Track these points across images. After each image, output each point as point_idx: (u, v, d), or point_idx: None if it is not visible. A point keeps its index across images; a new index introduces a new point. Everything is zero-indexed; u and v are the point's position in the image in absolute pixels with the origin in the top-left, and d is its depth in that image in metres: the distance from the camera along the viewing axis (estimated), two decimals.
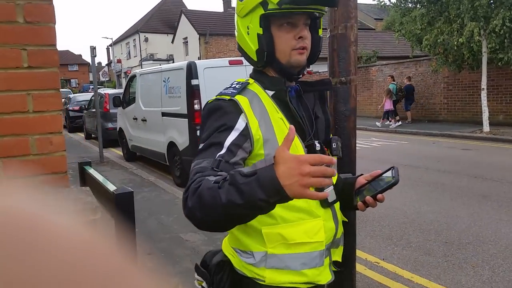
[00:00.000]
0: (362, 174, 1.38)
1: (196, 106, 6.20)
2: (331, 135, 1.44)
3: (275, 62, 1.25)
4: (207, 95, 6.24)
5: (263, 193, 0.91)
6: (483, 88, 11.36)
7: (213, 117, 1.19)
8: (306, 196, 0.92)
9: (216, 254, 1.34)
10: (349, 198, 1.33)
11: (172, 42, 34.24)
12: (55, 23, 1.65)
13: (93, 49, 8.65)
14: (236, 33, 1.34)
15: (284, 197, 0.91)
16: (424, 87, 15.04)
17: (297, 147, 1.21)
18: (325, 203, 1.26)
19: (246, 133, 1.16)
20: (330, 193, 1.25)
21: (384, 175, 1.26)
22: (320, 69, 21.43)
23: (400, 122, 14.13)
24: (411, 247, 4.26)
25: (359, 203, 1.27)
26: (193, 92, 6.22)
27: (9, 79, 1.58)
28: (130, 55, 42.77)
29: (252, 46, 1.25)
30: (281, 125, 1.22)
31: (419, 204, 5.57)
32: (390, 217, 5.11)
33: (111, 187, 2.45)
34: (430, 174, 7.20)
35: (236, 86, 1.25)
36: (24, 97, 1.62)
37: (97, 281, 0.22)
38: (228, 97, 1.20)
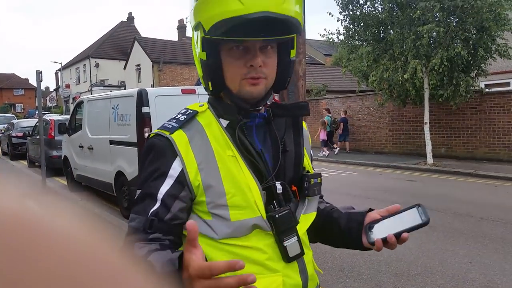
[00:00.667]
0: (372, 209, 1.19)
1: (147, 135, 6.03)
2: (307, 171, 1.19)
3: (226, 90, 1.06)
4: (158, 123, 6.04)
5: None
6: (426, 122, 12.00)
7: (148, 158, 1.05)
8: None
9: None
10: (355, 236, 1.15)
11: (125, 68, 33.74)
12: None
13: (39, 73, 8.30)
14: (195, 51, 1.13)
15: None
16: (370, 120, 15.69)
17: (252, 190, 1.03)
18: (285, 258, 1.05)
19: (182, 180, 1.00)
20: (290, 246, 1.05)
21: (404, 212, 1.09)
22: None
23: (337, 150, 15.15)
24: (362, 279, 4.27)
25: (377, 240, 1.07)
26: (143, 120, 6.06)
27: None
28: (79, 81, 41.61)
29: (199, 70, 1.09)
30: (231, 166, 1.03)
31: None
32: (338, 249, 5.12)
33: None
34: (378, 205, 7.26)
35: (180, 118, 1.06)
36: None
37: (98, 281, 0.22)
38: (167, 133, 1.04)
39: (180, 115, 1.08)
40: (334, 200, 1.34)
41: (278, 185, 1.08)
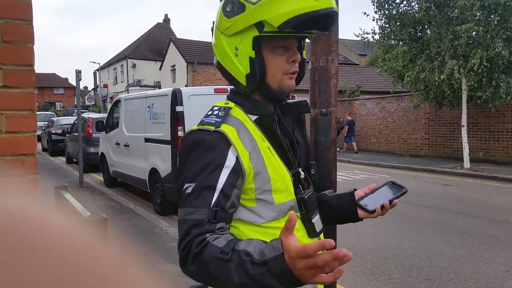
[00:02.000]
0: (355, 189, 1.37)
1: (180, 133, 6.16)
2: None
3: (265, 87, 1.15)
4: (191, 122, 6.21)
5: (276, 282, 0.92)
6: (463, 125, 11.62)
7: (196, 153, 1.07)
8: (319, 282, 0.90)
9: None
10: (350, 211, 1.33)
11: (160, 69, 34.44)
12: (33, 44, 1.61)
13: (78, 72, 8.62)
14: (217, 52, 1.18)
15: (297, 285, 0.93)
16: (405, 122, 15.33)
17: (285, 177, 1.15)
18: (312, 233, 1.21)
19: (238, 169, 1.06)
20: (317, 222, 1.23)
21: (382, 188, 1.34)
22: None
23: (343, 151, 16.29)
24: (393, 283, 4.20)
25: (377, 208, 1.27)
26: (177, 119, 6.19)
27: None
28: (117, 80, 42.80)
29: (242, 69, 1.13)
30: (269, 155, 1.13)
31: (401, 239, 5.54)
32: (372, 251, 5.06)
33: (85, 213, 2.37)
34: (411, 209, 7.22)
35: (219, 114, 1.12)
36: None
37: (96, 280, 0.22)
38: (212, 128, 1.08)
39: (218, 111, 1.14)
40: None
41: (301, 172, 1.23)
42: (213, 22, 1.24)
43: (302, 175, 1.22)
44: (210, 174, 1.04)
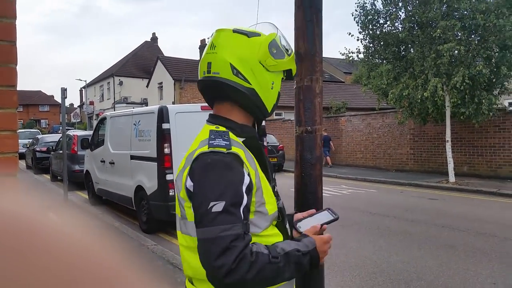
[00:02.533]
0: (296, 212, 1.58)
1: (166, 150, 6.14)
2: None
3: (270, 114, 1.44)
4: (178, 139, 6.20)
5: (310, 266, 1.25)
6: (447, 140, 11.81)
7: (215, 173, 1.16)
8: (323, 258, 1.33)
9: None
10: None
11: (147, 86, 34.41)
12: (16, 64, 1.61)
13: (64, 90, 8.57)
14: (255, 81, 1.31)
15: (317, 267, 1.35)
16: (391, 138, 15.52)
17: (270, 190, 1.32)
18: (288, 238, 1.38)
19: (251, 186, 1.20)
20: (288, 228, 1.43)
21: (319, 213, 1.54)
22: (292, 117, 21.93)
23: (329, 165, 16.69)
24: None
25: (295, 232, 1.46)
26: (163, 136, 6.17)
27: None
28: (103, 98, 42.59)
29: (272, 99, 1.37)
30: (261, 173, 1.29)
31: (389, 253, 5.56)
32: (360, 266, 5.06)
33: None
34: (398, 223, 7.26)
35: (224, 137, 1.24)
36: None
37: (95, 281, 0.22)
38: (225, 150, 1.19)
39: (221, 135, 1.25)
40: (353, 218, 1.47)
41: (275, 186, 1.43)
42: (201, 40, 1.35)
43: (276, 188, 1.41)
44: (235, 192, 1.15)
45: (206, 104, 5.61)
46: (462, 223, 7.08)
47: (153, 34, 44.29)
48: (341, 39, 49.53)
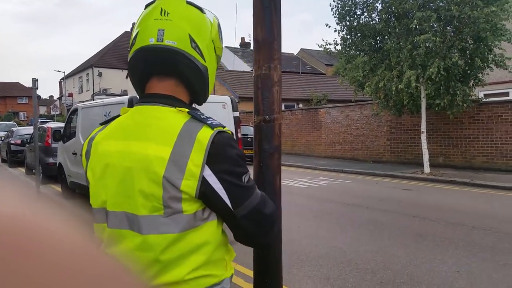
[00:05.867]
0: None
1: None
2: None
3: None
4: None
5: None
6: (422, 132, 11.97)
7: (236, 148, 1.19)
8: None
9: None
10: None
11: (127, 77, 33.92)
12: None
13: (35, 81, 8.37)
14: (209, 61, 1.23)
15: None
16: (368, 130, 15.68)
17: None
18: None
19: None
20: None
21: None
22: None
23: None
24: (347, 287, 4.24)
25: None
26: None
27: None
28: (82, 89, 41.83)
29: (212, 85, 1.29)
30: None
31: (359, 243, 5.61)
32: (329, 256, 5.10)
33: None
34: (371, 214, 7.34)
35: (208, 116, 1.23)
36: None
37: (89, 282, 0.22)
38: (226, 128, 1.20)
39: (210, 118, 1.21)
40: (326, 208, 1.43)
41: None
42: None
43: None
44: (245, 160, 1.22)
45: None
46: (433, 213, 7.20)
47: (133, 24, 43.53)
48: (325, 31, 49.64)
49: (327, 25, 12.47)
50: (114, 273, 0.24)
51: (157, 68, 1.20)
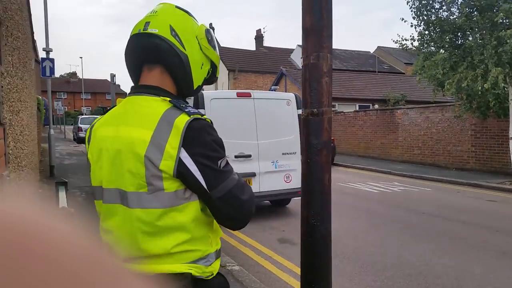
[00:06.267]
0: None
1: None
2: None
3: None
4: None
5: None
6: (511, 138, 10.79)
7: (214, 134, 1.28)
8: None
9: None
10: None
11: None
12: None
13: (112, 76, 8.90)
14: (191, 53, 1.35)
15: None
16: (451, 134, 14.50)
17: None
18: None
19: None
20: None
21: None
22: (345, 109, 21.23)
23: None
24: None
25: None
26: None
27: None
28: None
29: (198, 79, 1.39)
30: None
31: (430, 255, 5.13)
32: (396, 267, 4.71)
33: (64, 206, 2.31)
34: (448, 225, 6.72)
35: (189, 105, 1.34)
36: None
37: (94, 284, 0.22)
38: (205, 117, 1.30)
39: (189, 107, 1.32)
40: (398, 216, 1.21)
41: None
42: (256, 31, 1.59)
43: None
44: (223, 146, 1.31)
45: (242, 91, 5.87)
46: None
47: (210, 24, 44.97)
48: (406, 28, 47.28)
49: (402, 19, 11.70)
50: (119, 276, 0.24)
51: (143, 55, 1.34)
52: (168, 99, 1.30)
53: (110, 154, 1.27)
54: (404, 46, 12.39)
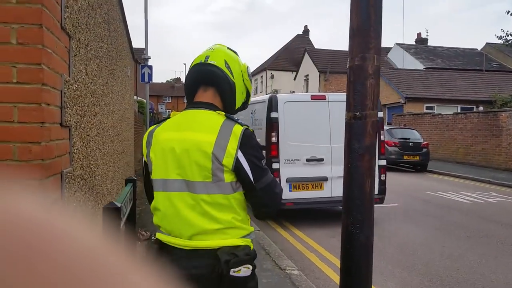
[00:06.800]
0: None
1: (274, 139, 6.17)
2: None
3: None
4: (286, 128, 6.18)
5: None
6: None
7: (256, 140, 1.73)
8: None
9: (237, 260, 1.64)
10: None
11: (294, 79, 35.23)
12: (43, 45, 1.81)
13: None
14: (238, 83, 1.78)
15: None
16: None
17: None
18: None
19: None
20: None
21: None
22: (442, 111, 19.74)
23: None
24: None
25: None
26: (271, 125, 6.22)
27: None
28: (257, 91, 45.14)
29: (239, 102, 1.83)
30: None
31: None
32: (472, 284, 4.33)
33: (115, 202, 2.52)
34: None
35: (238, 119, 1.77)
36: (11, 109, 1.81)
37: (99, 283, 0.22)
38: (248, 127, 1.73)
39: (237, 119, 1.74)
40: (486, 229, 1.20)
41: None
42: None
43: None
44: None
45: (317, 94, 6.09)
46: None
47: (305, 26, 44.92)
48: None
49: (508, 12, 10.57)
50: (125, 275, 0.23)
51: (202, 79, 1.77)
52: (223, 112, 1.72)
53: (177, 153, 1.64)
54: (510, 41, 11.20)
